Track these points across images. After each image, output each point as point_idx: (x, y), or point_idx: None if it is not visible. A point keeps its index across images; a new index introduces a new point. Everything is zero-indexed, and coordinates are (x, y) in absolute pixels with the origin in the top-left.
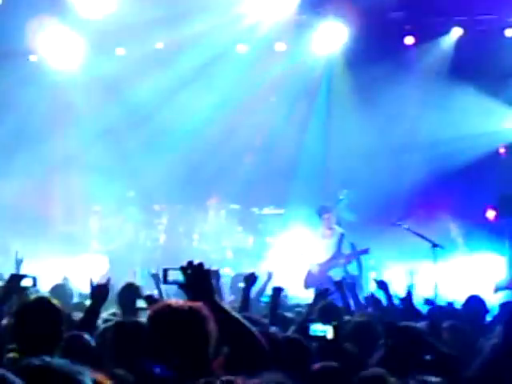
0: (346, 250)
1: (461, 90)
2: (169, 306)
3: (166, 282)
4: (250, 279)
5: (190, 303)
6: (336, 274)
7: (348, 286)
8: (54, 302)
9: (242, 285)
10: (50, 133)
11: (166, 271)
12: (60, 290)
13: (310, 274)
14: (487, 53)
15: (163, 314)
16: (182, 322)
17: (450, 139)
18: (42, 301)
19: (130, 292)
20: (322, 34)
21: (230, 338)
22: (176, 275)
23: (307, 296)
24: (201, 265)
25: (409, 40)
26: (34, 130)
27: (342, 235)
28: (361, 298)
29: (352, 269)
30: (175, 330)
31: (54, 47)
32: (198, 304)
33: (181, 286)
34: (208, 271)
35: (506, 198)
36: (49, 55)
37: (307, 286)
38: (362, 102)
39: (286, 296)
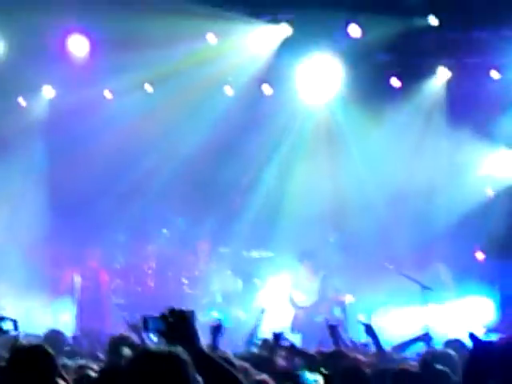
0: (331, 293)
1: (448, 133)
2: (147, 352)
3: (146, 330)
4: (217, 329)
5: (169, 348)
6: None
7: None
8: (49, 350)
9: None
10: None
11: (145, 319)
12: (53, 336)
13: (296, 318)
14: (474, 94)
15: (141, 360)
16: (160, 368)
17: (441, 184)
18: (37, 349)
19: (120, 343)
20: (306, 77)
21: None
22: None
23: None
24: (182, 311)
25: (395, 82)
26: None
27: (325, 277)
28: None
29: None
30: (153, 377)
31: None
32: (178, 349)
33: (162, 333)
34: (190, 317)
35: (495, 239)
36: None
37: (293, 330)
38: (350, 145)
39: None
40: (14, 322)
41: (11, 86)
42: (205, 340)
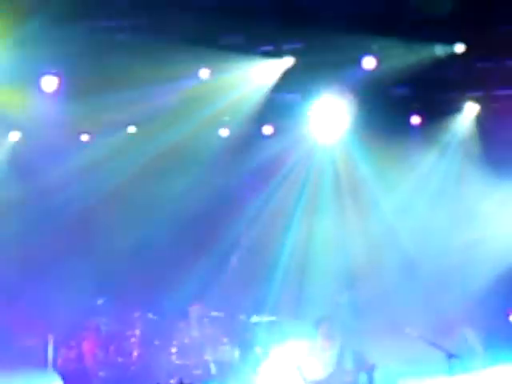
0: (349, 364)
1: (475, 176)
2: None
3: None
4: None
5: None
6: None
7: None
8: None
9: None
10: None
11: None
12: None
13: None
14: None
15: None
16: None
17: (469, 239)
18: None
19: None
20: (313, 114)
21: None
22: None
23: None
24: None
25: (415, 119)
26: None
27: (343, 346)
28: None
29: None
30: None
31: None
32: None
33: None
34: None
35: None
36: None
37: None
38: (365, 193)
39: None
40: None
41: None
42: None
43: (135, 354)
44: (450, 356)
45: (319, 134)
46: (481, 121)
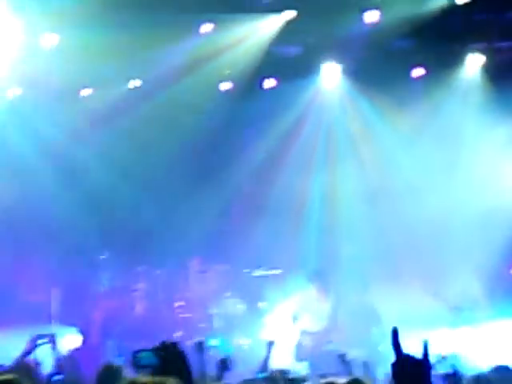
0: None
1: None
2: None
3: (136, 366)
4: (225, 365)
5: (156, 379)
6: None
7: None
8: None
9: None
10: None
11: (135, 354)
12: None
13: (300, 345)
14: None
15: None
16: None
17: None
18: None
19: (110, 373)
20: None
21: None
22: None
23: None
24: (175, 344)
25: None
26: None
27: (338, 300)
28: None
29: None
30: None
31: None
32: (165, 379)
33: (154, 369)
34: (183, 352)
35: None
36: None
37: (299, 358)
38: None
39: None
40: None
41: None
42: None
43: (139, 308)
44: (453, 308)
45: (323, 85)
46: (485, 72)
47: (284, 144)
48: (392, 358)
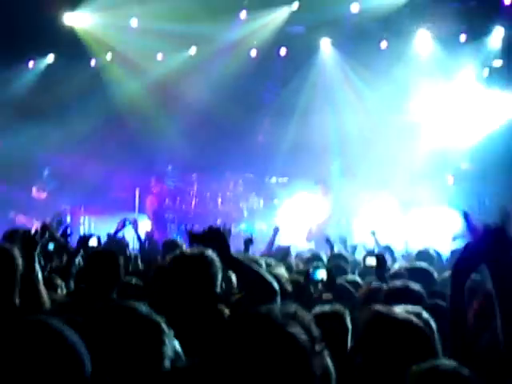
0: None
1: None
2: (183, 253)
3: (191, 241)
4: (249, 241)
5: (201, 250)
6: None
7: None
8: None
9: None
10: None
11: (190, 233)
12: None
13: (310, 230)
14: None
15: (177, 259)
16: (191, 265)
17: None
18: (107, 254)
19: (173, 245)
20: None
21: (245, 283)
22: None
23: (308, 247)
24: (218, 228)
25: (383, 44)
26: None
27: (335, 198)
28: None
29: None
30: (185, 272)
31: None
32: (208, 251)
33: (203, 244)
34: (224, 233)
35: None
36: None
37: (308, 239)
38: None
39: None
40: (98, 238)
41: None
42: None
43: (193, 203)
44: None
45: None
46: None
47: (293, 95)
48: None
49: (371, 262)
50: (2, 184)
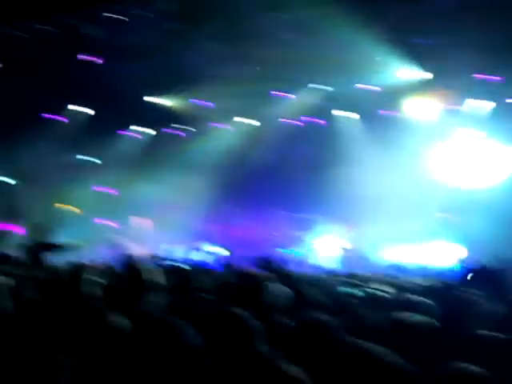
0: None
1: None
2: (244, 271)
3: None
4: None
5: (262, 274)
6: None
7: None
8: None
9: None
10: None
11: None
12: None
13: (344, 256)
14: None
15: (239, 275)
16: (249, 280)
17: None
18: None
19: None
20: None
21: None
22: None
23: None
24: (271, 257)
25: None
26: None
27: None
28: None
29: None
30: (244, 285)
31: None
32: (267, 275)
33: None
34: (277, 261)
35: None
36: None
37: (343, 265)
38: None
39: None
40: None
41: None
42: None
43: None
44: None
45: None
46: None
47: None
48: None
49: None
50: None
